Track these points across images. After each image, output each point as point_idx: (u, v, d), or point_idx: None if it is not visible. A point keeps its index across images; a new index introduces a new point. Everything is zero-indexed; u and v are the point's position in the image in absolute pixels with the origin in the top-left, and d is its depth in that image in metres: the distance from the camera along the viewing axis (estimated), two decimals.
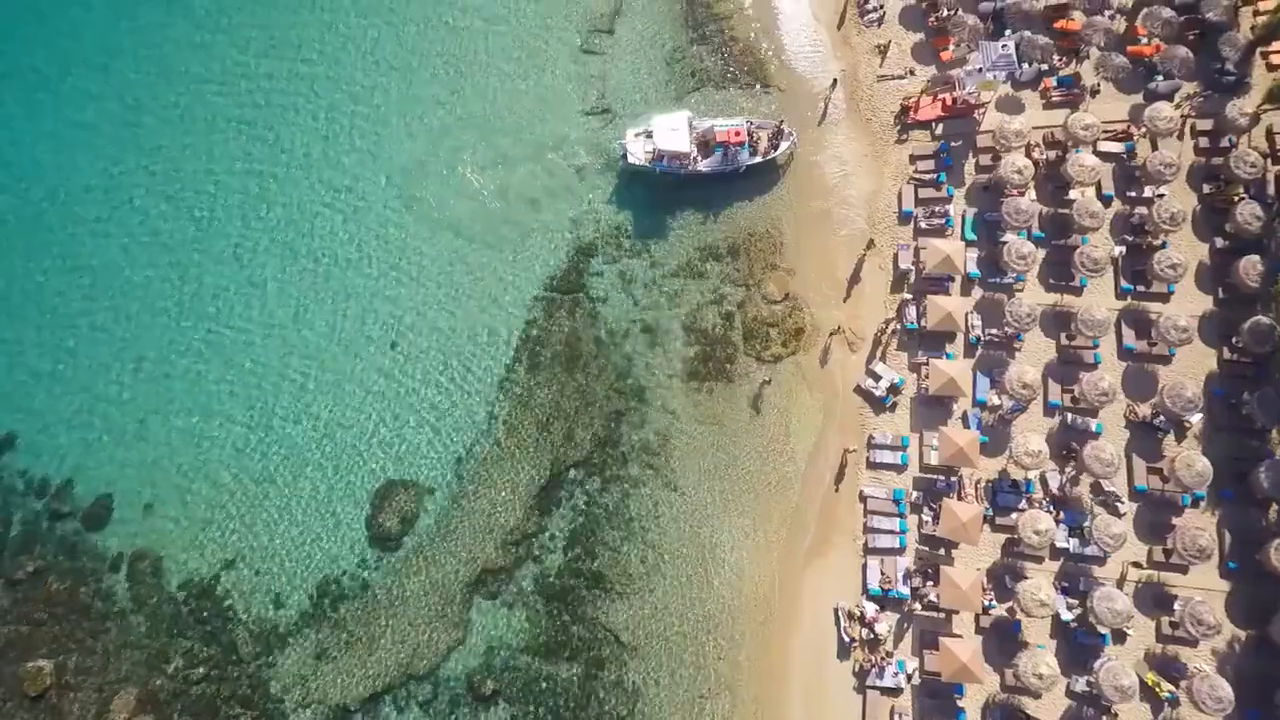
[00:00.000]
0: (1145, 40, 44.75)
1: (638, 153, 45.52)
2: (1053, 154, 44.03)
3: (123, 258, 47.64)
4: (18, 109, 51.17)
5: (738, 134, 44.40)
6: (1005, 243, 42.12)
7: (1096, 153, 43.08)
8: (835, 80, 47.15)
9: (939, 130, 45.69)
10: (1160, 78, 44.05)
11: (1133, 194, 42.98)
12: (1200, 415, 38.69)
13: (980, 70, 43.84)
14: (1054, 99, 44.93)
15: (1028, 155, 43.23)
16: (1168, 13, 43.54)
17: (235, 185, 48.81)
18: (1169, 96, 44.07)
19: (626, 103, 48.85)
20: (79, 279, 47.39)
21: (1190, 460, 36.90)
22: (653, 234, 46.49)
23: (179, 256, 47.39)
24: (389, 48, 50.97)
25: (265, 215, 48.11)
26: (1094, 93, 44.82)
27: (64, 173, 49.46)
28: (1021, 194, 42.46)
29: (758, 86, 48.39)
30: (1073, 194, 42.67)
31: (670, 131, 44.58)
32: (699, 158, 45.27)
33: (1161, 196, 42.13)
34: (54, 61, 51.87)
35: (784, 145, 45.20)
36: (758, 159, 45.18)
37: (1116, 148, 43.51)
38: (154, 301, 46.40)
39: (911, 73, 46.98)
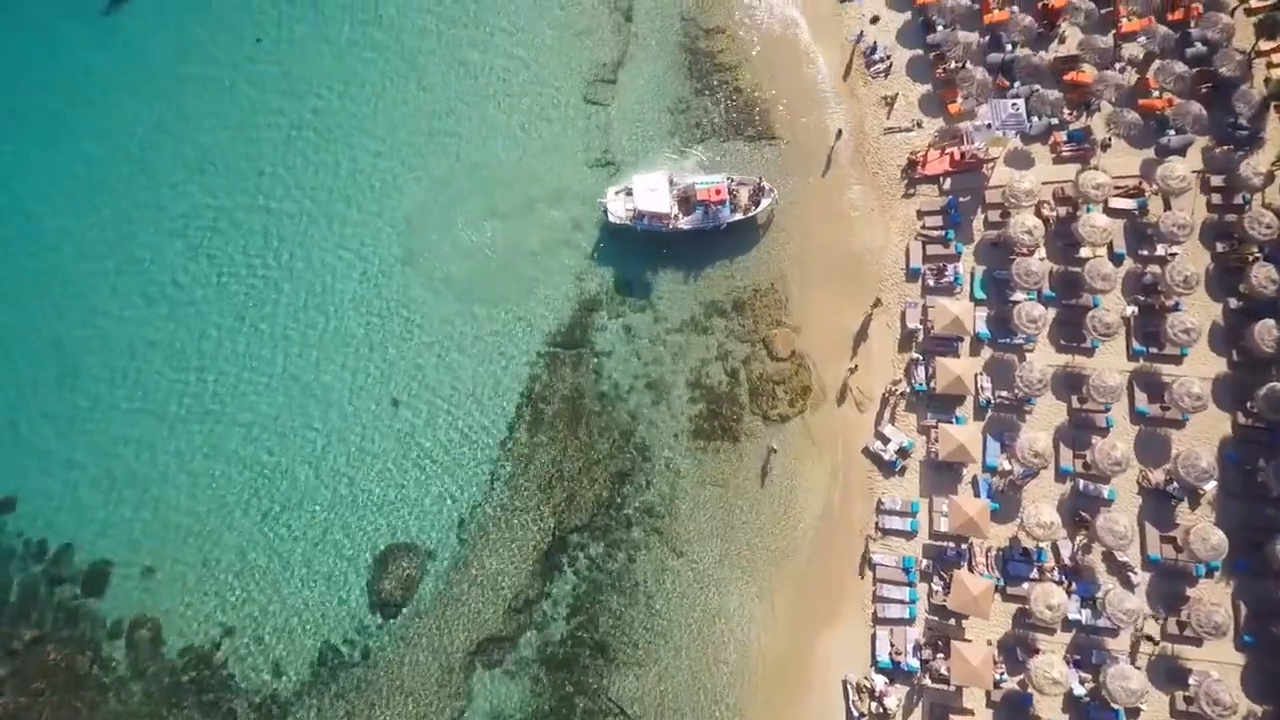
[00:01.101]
0: (1157, 94, 44.14)
1: (618, 211, 45.09)
2: (1063, 210, 43.38)
3: (125, 314, 47.38)
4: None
5: (718, 192, 43.96)
6: (1015, 302, 41.64)
7: (1107, 209, 42.55)
8: (840, 131, 46.59)
9: (946, 185, 45.08)
10: (1172, 132, 43.41)
11: (1145, 252, 42.31)
12: (1214, 483, 38.02)
13: (989, 126, 43.20)
14: (1064, 154, 44.31)
15: (1037, 213, 42.62)
16: (1180, 67, 42.89)
17: (234, 237, 48.39)
18: (1181, 151, 43.46)
19: (630, 154, 48.35)
20: (81, 337, 47.02)
21: (1205, 533, 36.21)
22: (656, 288, 45.92)
23: (177, 318, 46.97)
24: (388, 101, 50.44)
25: (263, 269, 47.66)
26: (1105, 147, 44.18)
27: (71, 229, 49.18)
28: (1031, 253, 41.85)
29: (762, 138, 47.84)
30: (1084, 252, 42.08)
31: (649, 192, 44.28)
32: (680, 215, 44.84)
33: (1174, 256, 41.57)
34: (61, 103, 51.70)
35: (765, 202, 44.72)
36: (739, 216, 44.69)
37: (1128, 204, 42.88)
38: (153, 364, 45.99)
39: (919, 125, 46.38)
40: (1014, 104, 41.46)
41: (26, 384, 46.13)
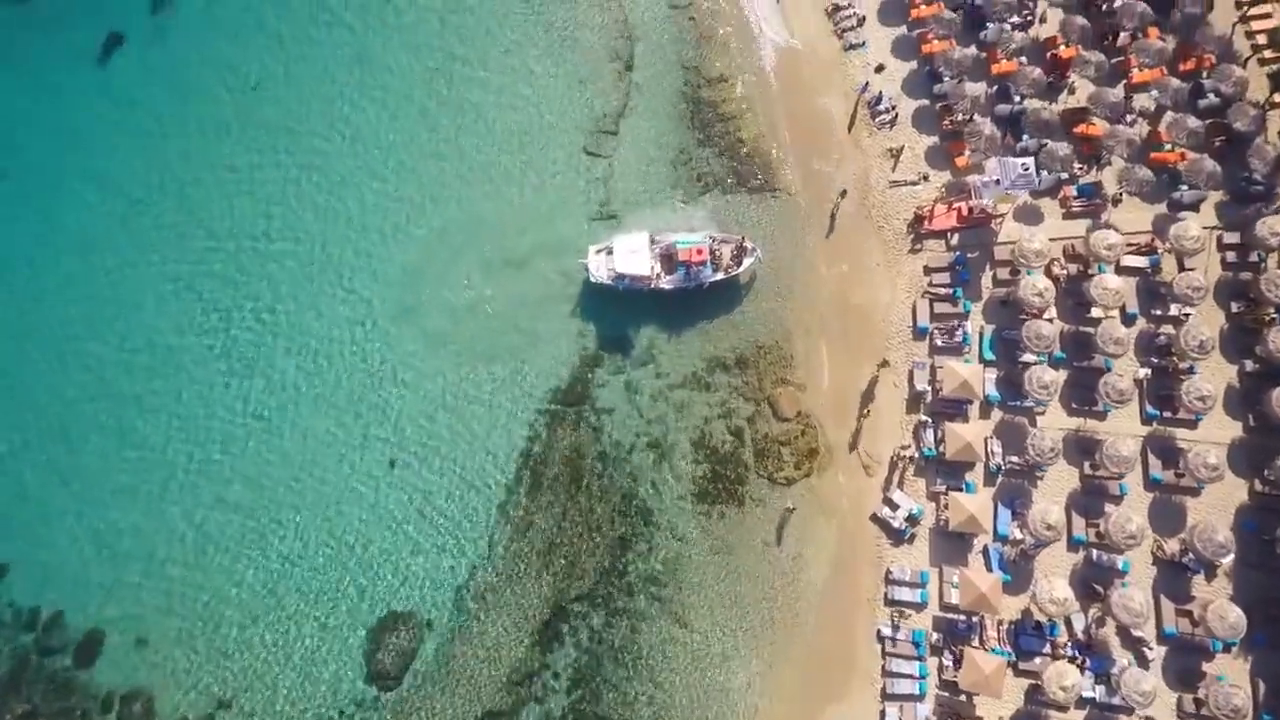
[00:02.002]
0: (1169, 147, 43.24)
1: (599, 271, 44.23)
2: (1074, 268, 42.49)
3: (117, 377, 46.72)
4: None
5: (699, 253, 43.19)
6: (1025, 362, 40.78)
7: (1119, 268, 41.63)
8: (844, 191, 45.69)
9: (954, 240, 44.19)
10: (1185, 187, 42.49)
11: (1158, 311, 41.37)
12: (1232, 556, 37.03)
13: (997, 183, 42.26)
14: (1074, 209, 43.41)
15: (1048, 273, 41.71)
16: (1193, 122, 41.96)
17: (224, 298, 47.60)
18: (1194, 207, 42.59)
19: (631, 206, 47.45)
20: (75, 402, 46.33)
21: (1223, 610, 35.22)
22: (658, 342, 45.05)
23: (171, 378, 46.29)
24: (387, 148, 49.60)
25: (257, 323, 46.86)
26: (1116, 202, 43.28)
27: (66, 281, 48.62)
28: (1041, 314, 40.94)
29: (766, 190, 46.98)
30: (1095, 312, 41.16)
31: (630, 254, 43.49)
32: (663, 274, 44.01)
33: (1188, 316, 40.64)
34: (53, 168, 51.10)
35: (747, 262, 43.88)
36: (721, 276, 43.86)
37: (1140, 262, 41.97)
38: (148, 428, 45.28)
39: (925, 178, 45.48)
40: (1024, 164, 40.54)
41: (19, 444, 45.42)
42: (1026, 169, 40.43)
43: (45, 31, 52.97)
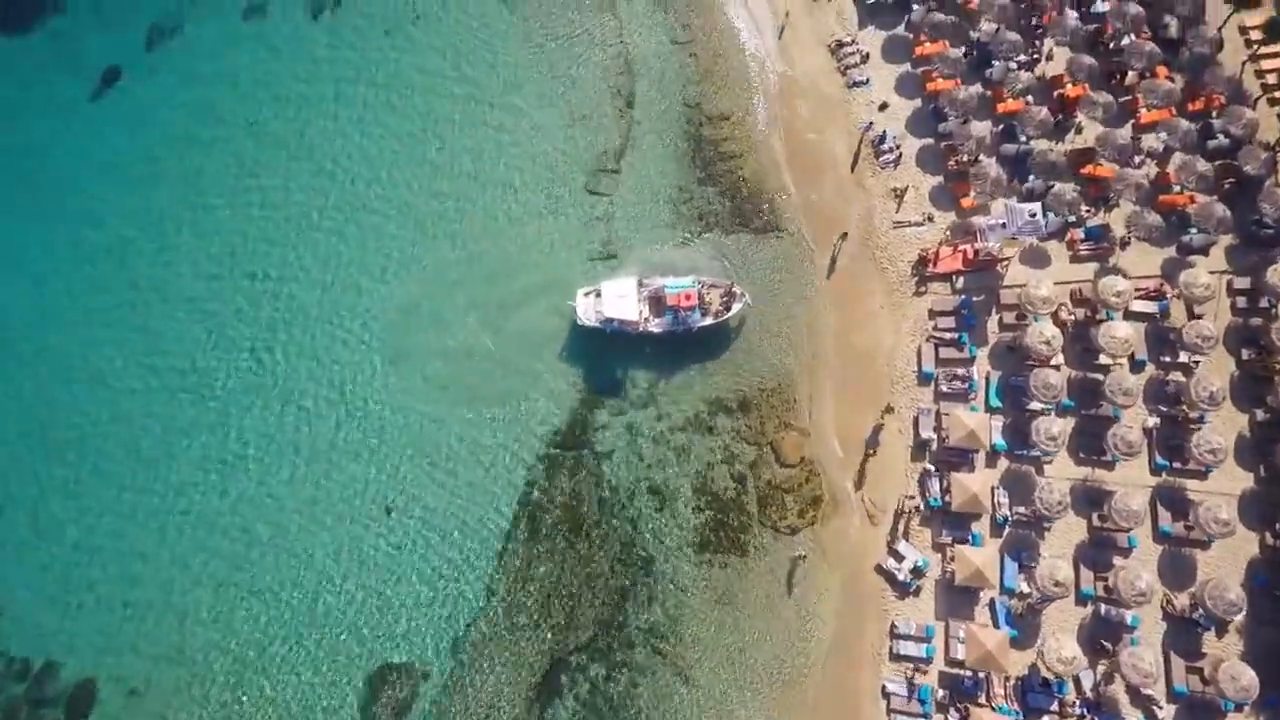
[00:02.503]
0: (1178, 189, 42.61)
1: (587, 314, 43.78)
2: (1081, 313, 41.84)
3: (112, 420, 46.14)
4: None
5: (688, 297, 42.84)
6: (1032, 410, 40.13)
7: (1127, 313, 40.96)
8: (845, 234, 45.11)
9: (959, 284, 43.58)
10: (1194, 230, 41.87)
11: (1167, 359, 40.73)
12: (1243, 613, 36.33)
13: (1003, 226, 41.62)
14: (1081, 253, 42.79)
15: (1055, 319, 41.06)
16: (1202, 165, 41.35)
17: (221, 338, 47.04)
18: (1204, 250, 41.97)
19: (632, 245, 46.83)
20: (68, 451, 45.80)
21: (1235, 671, 34.49)
22: (659, 384, 44.44)
23: (166, 423, 45.67)
24: (386, 186, 49.06)
25: (254, 367, 46.28)
26: (1124, 245, 42.64)
27: (60, 343, 48.11)
28: (1049, 362, 40.26)
29: (768, 230, 46.34)
30: (1103, 358, 40.52)
31: (618, 298, 43.18)
32: (651, 317, 43.60)
33: (1198, 363, 40.00)
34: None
35: (736, 307, 43.41)
36: (709, 321, 43.38)
37: (1149, 307, 41.34)
38: (144, 475, 44.65)
39: (930, 219, 44.86)
40: (1031, 210, 39.91)
41: (11, 490, 44.86)
42: (1034, 215, 39.79)
43: (41, 65, 52.62)
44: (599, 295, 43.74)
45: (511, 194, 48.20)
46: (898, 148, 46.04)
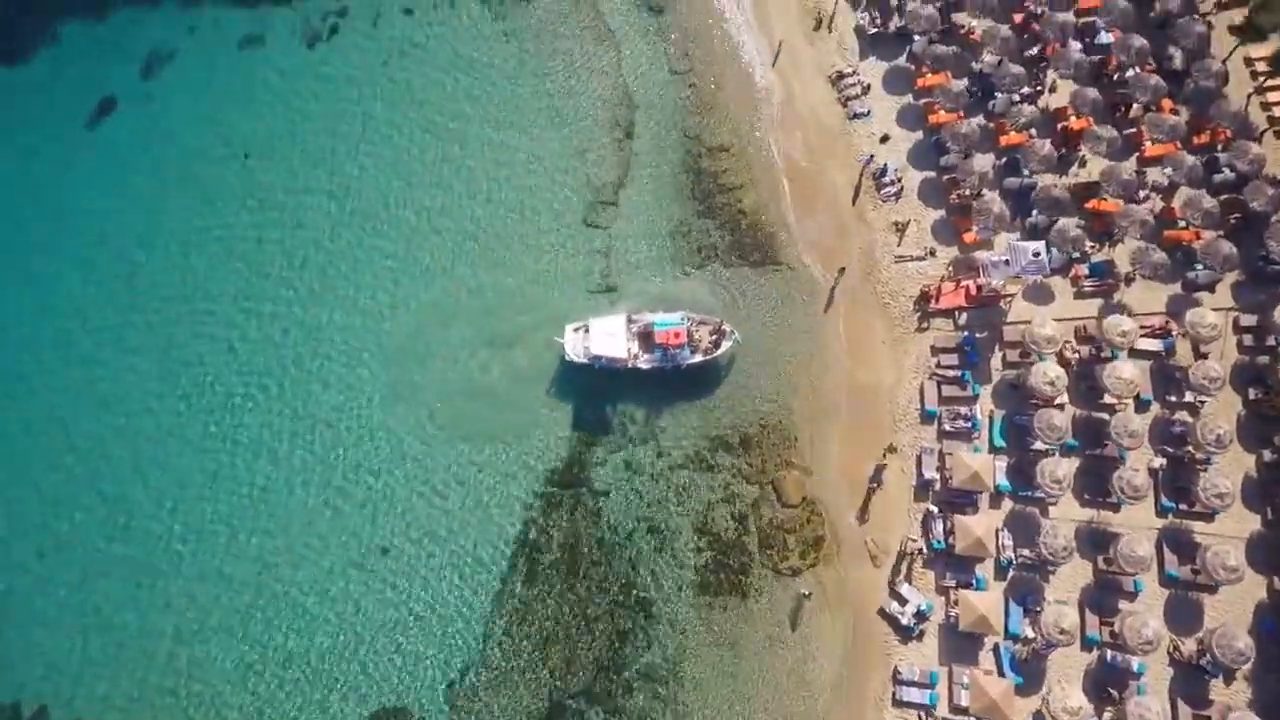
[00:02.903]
0: (1183, 224, 42.10)
1: (575, 349, 43.26)
2: (1086, 350, 41.33)
3: (110, 452, 45.69)
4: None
5: (677, 335, 42.41)
6: (1036, 451, 39.61)
7: (1133, 351, 40.42)
8: (843, 268, 44.63)
9: (962, 320, 43.06)
10: (1200, 267, 41.33)
11: (1173, 398, 40.16)
12: (1252, 660, 35.77)
13: (1006, 263, 41.06)
14: (1086, 289, 42.27)
15: (1060, 359, 40.53)
16: (1208, 202, 40.83)
17: (219, 373, 46.58)
18: (1210, 287, 41.46)
19: (631, 278, 46.37)
20: (59, 477, 45.40)
21: None
22: (659, 420, 43.97)
23: (160, 456, 45.26)
24: (383, 218, 48.53)
25: (247, 403, 45.82)
26: (1128, 281, 42.13)
27: (49, 381, 47.55)
28: (1053, 402, 39.74)
29: (768, 264, 45.84)
30: (1108, 398, 39.97)
31: (606, 335, 42.75)
32: (640, 353, 43.15)
33: (1204, 403, 39.49)
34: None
35: (725, 345, 42.91)
36: (698, 358, 42.91)
37: (1154, 345, 40.79)
38: (132, 517, 44.18)
39: (932, 253, 44.33)
40: (1035, 249, 39.38)
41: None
42: (1038, 255, 39.25)
43: (37, 94, 52.13)
44: (587, 331, 43.25)
45: (509, 227, 47.69)
46: (899, 181, 45.52)
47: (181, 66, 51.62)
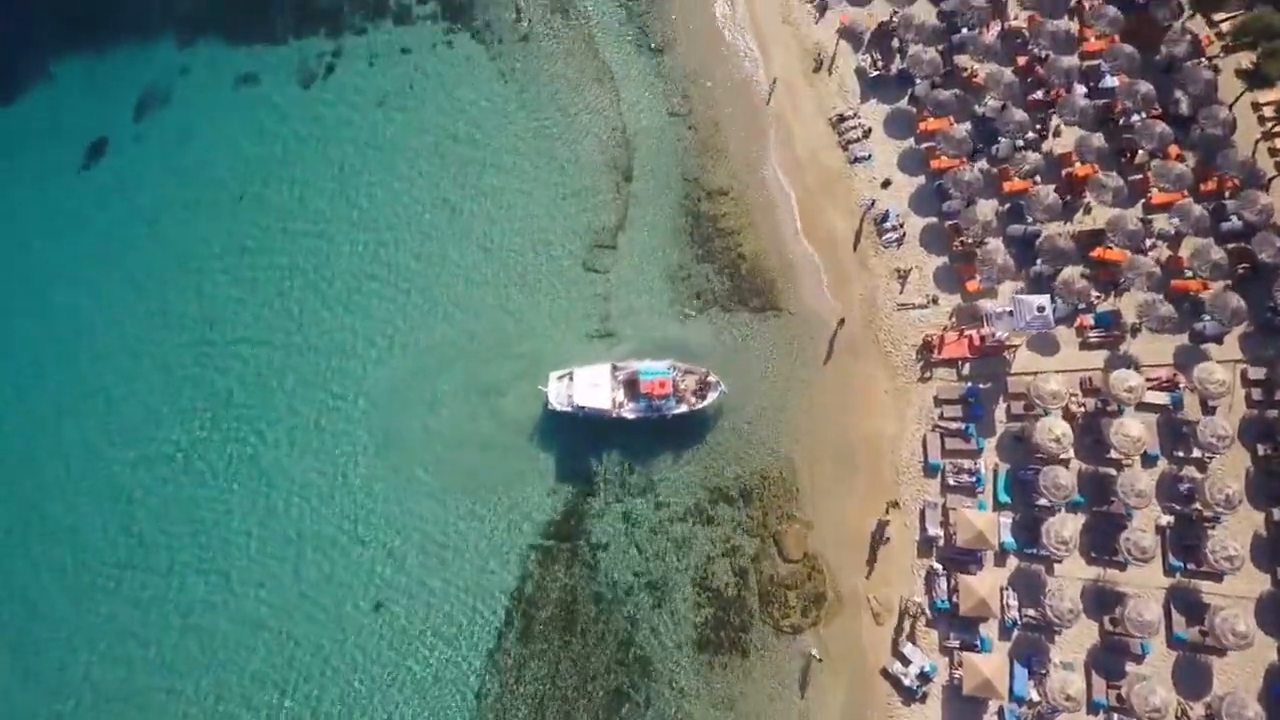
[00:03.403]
0: (1190, 274, 41.43)
1: (560, 397, 42.50)
2: (1091, 403, 40.64)
3: (107, 492, 45.10)
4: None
5: (662, 385, 41.75)
6: (1041, 506, 38.92)
7: (1140, 405, 39.70)
8: (842, 320, 43.98)
9: (965, 370, 42.38)
10: (1207, 318, 40.65)
11: (1180, 453, 39.49)
12: None
13: (1010, 314, 40.36)
14: (1091, 340, 41.60)
15: (1065, 412, 39.80)
16: (1216, 253, 40.21)
17: (209, 429, 45.89)
18: (1217, 339, 40.78)
19: (629, 323, 45.63)
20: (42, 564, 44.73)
21: None
22: (658, 470, 43.23)
23: (144, 514, 44.65)
24: (377, 260, 47.81)
25: (236, 452, 45.06)
26: (1134, 332, 41.45)
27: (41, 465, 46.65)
28: (1059, 458, 39.03)
29: (767, 309, 45.13)
30: (1115, 452, 39.27)
31: (591, 386, 42.12)
32: (625, 402, 42.44)
33: (1212, 459, 38.79)
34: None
35: (711, 396, 42.21)
36: (684, 409, 42.23)
37: (1162, 399, 40.12)
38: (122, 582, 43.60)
39: (935, 301, 43.65)
40: (1039, 304, 38.70)
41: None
42: (1042, 310, 38.55)
43: (30, 134, 51.58)
44: (571, 379, 42.56)
45: (506, 272, 46.90)
46: (901, 226, 44.82)
47: (176, 107, 51.02)
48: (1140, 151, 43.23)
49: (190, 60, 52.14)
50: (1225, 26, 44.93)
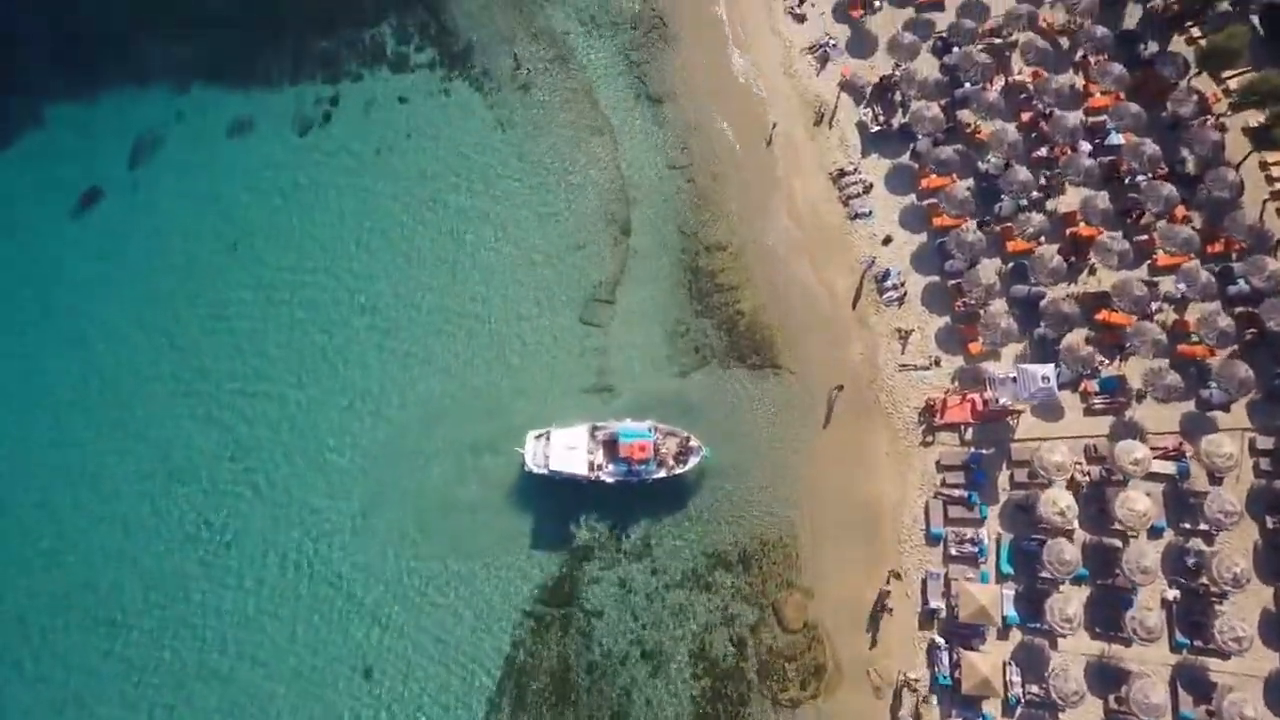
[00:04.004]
0: (1196, 338, 40.72)
1: (537, 458, 41.49)
2: (1096, 471, 39.87)
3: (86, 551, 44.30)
4: None
5: (642, 449, 40.81)
6: (1045, 579, 38.11)
7: (1145, 475, 38.96)
8: (841, 385, 43.15)
9: (968, 435, 41.64)
10: (1214, 385, 39.91)
11: (1187, 525, 38.71)
12: None
13: (1014, 380, 39.50)
14: (1096, 406, 40.86)
15: (1071, 483, 39.06)
16: (1224, 321, 39.46)
17: (200, 486, 45.14)
18: (1225, 407, 40.04)
19: (626, 378, 44.95)
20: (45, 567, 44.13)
21: None
22: (656, 533, 42.41)
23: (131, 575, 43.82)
24: (369, 311, 47.16)
25: (223, 522, 44.28)
26: (1140, 397, 40.68)
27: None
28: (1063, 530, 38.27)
29: (766, 367, 44.44)
30: (1119, 525, 38.47)
31: (567, 450, 41.19)
32: (605, 464, 41.57)
33: (1220, 532, 37.98)
34: None
35: (693, 460, 41.34)
36: (663, 474, 41.37)
37: (1168, 468, 39.35)
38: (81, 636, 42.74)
39: (937, 363, 42.94)
40: (1044, 375, 37.87)
41: None
42: (1047, 380, 37.72)
43: (20, 180, 50.94)
44: (548, 439, 41.70)
45: (501, 326, 46.19)
46: (902, 285, 44.14)
47: (169, 154, 50.39)
48: (1146, 214, 42.60)
49: (185, 105, 51.49)
50: (1233, 84, 44.36)
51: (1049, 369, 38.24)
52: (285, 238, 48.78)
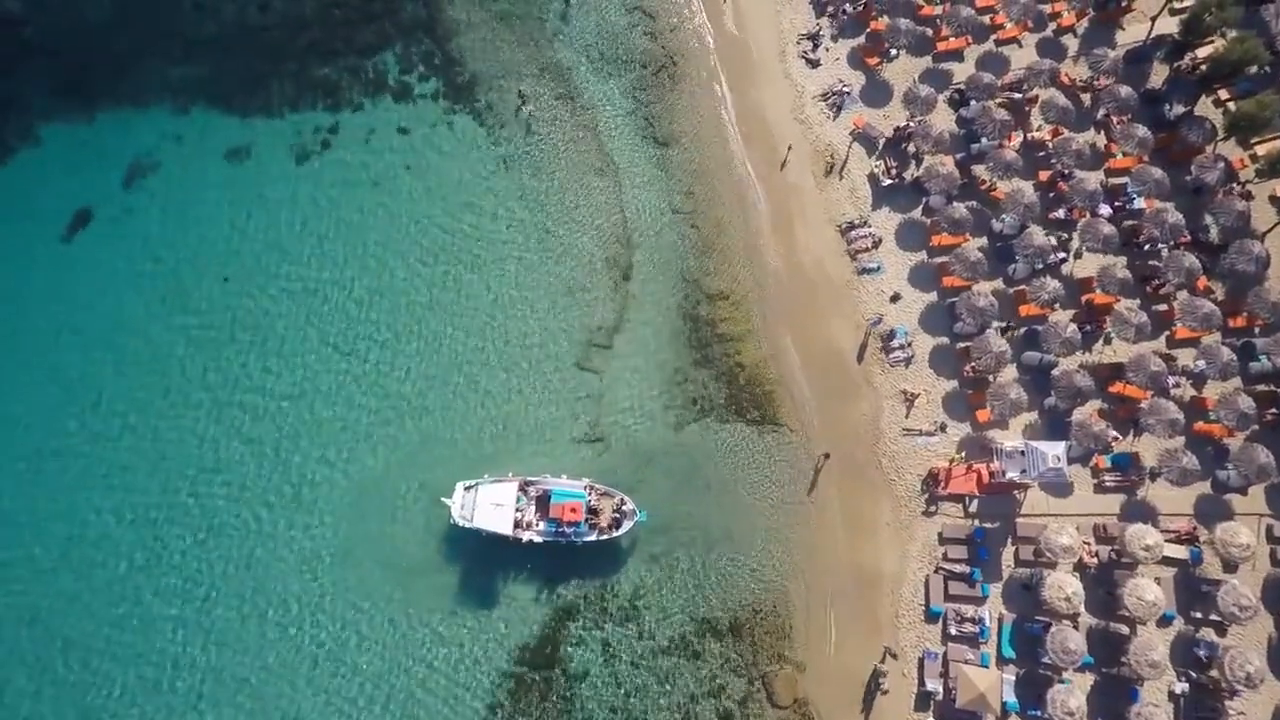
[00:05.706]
0: (1215, 417, 39.06)
1: (465, 511, 39.64)
2: (1105, 552, 38.22)
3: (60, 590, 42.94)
4: None
5: (574, 510, 39.23)
6: (1047, 665, 36.43)
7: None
8: (827, 454, 41.79)
9: (972, 507, 40.07)
10: (1231, 468, 38.25)
11: (1198, 614, 37.02)
12: None
13: (1022, 453, 37.99)
14: (1107, 483, 39.25)
15: (1078, 565, 37.45)
16: (1245, 403, 37.75)
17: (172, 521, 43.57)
18: (1241, 490, 38.39)
19: (621, 429, 43.56)
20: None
21: None
22: (644, 595, 40.90)
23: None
24: (361, 348, 45.67)
25: (199, 556, 42.80)
26: (1154, 476, 39.03)
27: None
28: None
29: (766, 423, 42.99)
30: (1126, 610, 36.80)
31: (493, 506, 39.57)
32: (534, 521, 39.96)
33: (1234, 622, 36.29)
34: None
35: (626, 525, 39.74)
36: (594, 537, 39.79)
37: (1179, 553, 37.71)
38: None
39: (942, 428, 41.40)
40: (1055, 455, 36.38)
41: None
42: (1058, 461, 36.19)
43: (13, 200, 49.72)
44: (477, 492, 40.08)
45: (495, 368, 44.75)
46: (909, 345, 42.66)
47: (164, 178, 49.02)
48: (1167, 284, 41.00)
49: (184, 129, 50.20)
50: (1260, 150, 42.76)
51: (1060, 449, 36.68)
52: (276, 273, 46.79)
